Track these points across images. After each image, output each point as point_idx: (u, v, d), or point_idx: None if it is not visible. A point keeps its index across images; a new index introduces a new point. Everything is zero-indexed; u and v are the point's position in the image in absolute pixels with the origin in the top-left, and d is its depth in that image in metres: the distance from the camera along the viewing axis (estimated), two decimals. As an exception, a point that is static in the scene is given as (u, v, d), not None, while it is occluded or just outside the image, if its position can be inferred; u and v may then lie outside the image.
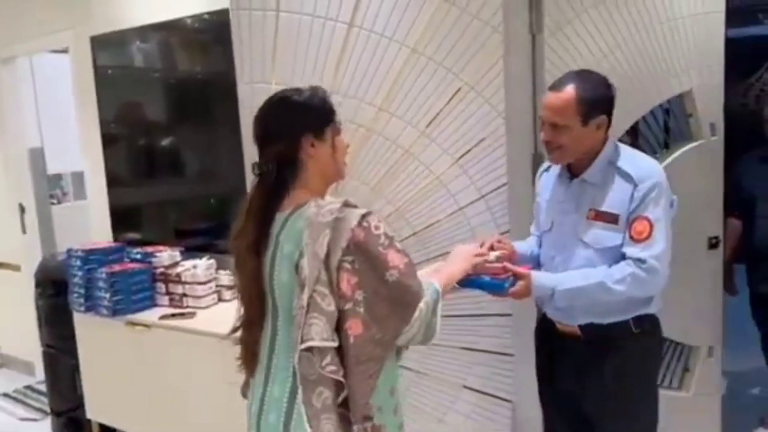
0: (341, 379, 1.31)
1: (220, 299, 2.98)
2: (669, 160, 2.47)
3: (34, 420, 3.61)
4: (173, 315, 2.82)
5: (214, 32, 3.30)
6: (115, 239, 3.52)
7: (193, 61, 3.54)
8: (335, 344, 1.31)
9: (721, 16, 2.47)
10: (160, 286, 2.95)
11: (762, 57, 4.42)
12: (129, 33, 3.51)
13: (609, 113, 1.76)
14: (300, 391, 1.35)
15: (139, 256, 3.02)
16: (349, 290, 1.31)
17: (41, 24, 3.80)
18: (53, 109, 4.30)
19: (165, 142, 3.68)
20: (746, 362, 2.91)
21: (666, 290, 2.50)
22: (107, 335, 2.59)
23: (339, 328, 1.32)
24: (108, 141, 3.66)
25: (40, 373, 3.68)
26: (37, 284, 3.28)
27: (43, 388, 3.66)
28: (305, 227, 1.34)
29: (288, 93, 1.45)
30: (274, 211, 1.41)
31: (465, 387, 2.18)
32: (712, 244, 2.55)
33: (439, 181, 2.11)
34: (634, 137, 2.49)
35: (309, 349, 1.30)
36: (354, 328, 1.31)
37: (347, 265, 1.31)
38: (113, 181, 3.62)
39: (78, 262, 2.94)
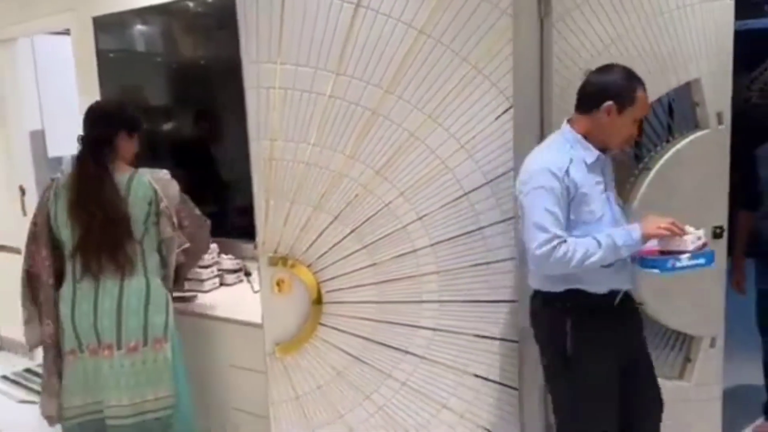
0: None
1: (222, 283, 2.97)
2: (675, 148, 2.45)
3: (33, 403, 3.60)
4: (175, 299, 2.80)
5: (217, 16, 3.27)
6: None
7: (195, 45, 3.51)
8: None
9: (731, 4, 2.45)
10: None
11: (767, 50, 4.40)
12: (131, 15, 3.49)
13: None
14: (157, 284, 2.41)
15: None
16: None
17: (42, 4, 3.77)
18: (54, 92, 4.27)
19: (167, 126, 3.66)
20: (748, 353, 2.90)
21: (668, 280, 2.50)
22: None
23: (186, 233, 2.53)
24: (110, 124, 3.63)
25: (39, 356, 3.67)
26: (38, 267, 3.26)
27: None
28: (150, 182, 2.37)
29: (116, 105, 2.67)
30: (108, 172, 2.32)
31: (469, 373, 2.17)
32: (717, 234, 2.53)
33: (444, 166, 2.10)
34: (640, 124, 2.47)
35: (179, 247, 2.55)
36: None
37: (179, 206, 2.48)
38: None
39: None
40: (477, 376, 2.18)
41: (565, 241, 1.80)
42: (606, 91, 1.87)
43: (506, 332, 2.16)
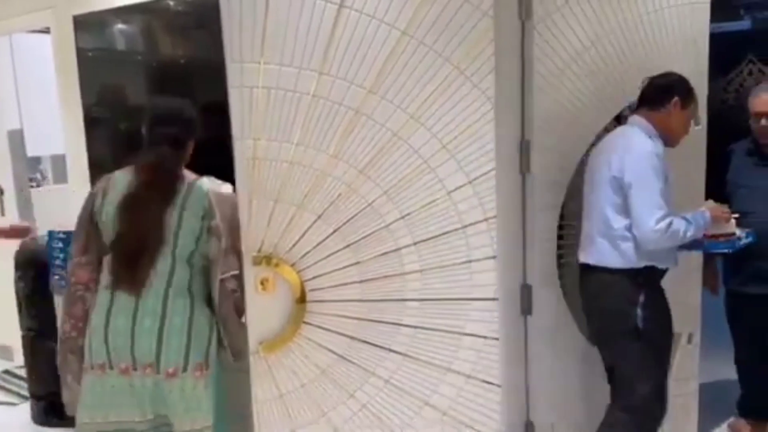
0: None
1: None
2: (653, 148, 2.50)
3: (12, 404, 3.57)
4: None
5: (197, 15, 3.27)
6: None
7: (175, 44, 3.50)
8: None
9: (707, 7, 2.51)
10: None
11: (742, 52, 4.49)
12: (111, 14, 3.47)
13: None
14: (203, 309, 2.15)
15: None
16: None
17: (22, 2, 3.73)
18: (34, 91, 4.22)
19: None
20: (724, 350, 2.96)
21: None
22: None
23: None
24: (90, 124, 3.61)
25: (18, 358, 3.63)
26: (17, 267, 3.24)
27: (21, 372, 3.62)
28: (207, 194, 2.13)
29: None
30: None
31: (452, 371, 2.19)
32: (694, 232, 2.59)
33: (427, 165, 2.12)
34: (619, 125, 2.51)
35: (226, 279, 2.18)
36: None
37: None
38: (95, 165, 3.57)
39: (59, 244, 2.90)
40: (459, 373, 2.20)
41: (674, 218, 2.08)
42: (673, 89, 2.20)
43: (489, 330, 2.19)
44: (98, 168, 3.52)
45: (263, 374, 2.19)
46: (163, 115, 2.20)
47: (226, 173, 2.14)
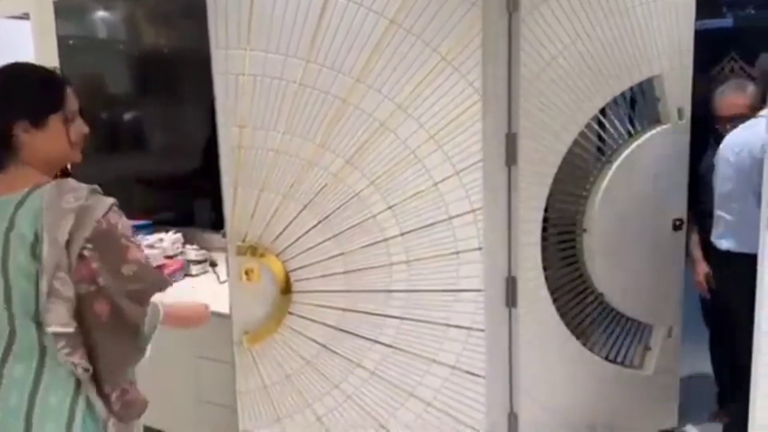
0: (77, 362, 1.31)
1: (186, 274, 2.93)
2: (637, 142, 2.52)
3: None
4: (138, 289, 2.75)
5: (181, 3, 3.23)
6: (77, 214, 3.42)
7: (158, 33, 3.46)
8: (71, 330, 1.30)
9: (692, 2, 2.52)
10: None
11: (724, 49, 4.54)
12: (92, 0, 3.41)
13: None
14: (57, 376, 1.34)
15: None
16: (89, 276, 1.29)
17: (0, -12, 3.66)
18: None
19: (129, 116, 3.60)
20: (705, 343, 3.00)
21: (629, 270, 2.57)
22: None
23: (84, 314, 1.31)
24: (70, 112, 3.55)
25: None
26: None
27: None
28: (44, 209, 1.29)
29: (16, 70, 1.40)
30: None
31: (437, 362, 2.19)
32: (676, 226, 2.61)
33: (414, 156, 2.11)
34: (604, 118, 2.53)
35: (55, 336, 1.30)
36: (104, 308, 1.31)
37: (86, 253, 1.29)
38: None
39: None
40: (444, 364, 2.20)
41: None
42: None
43: (474, 321, 2.19)
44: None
45: (247, 365, 2.17)
46: None
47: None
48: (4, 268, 1.31)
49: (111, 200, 1.35)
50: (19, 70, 1.41)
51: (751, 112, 2.59)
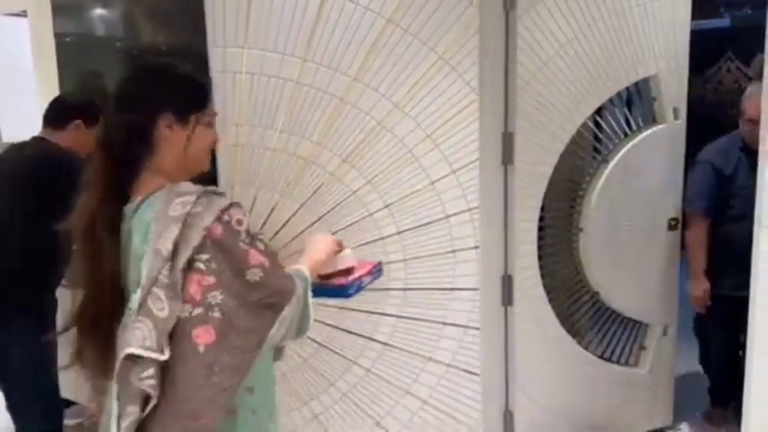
0: (154, 399, 1.13)
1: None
2: (633, 141, 2.53)
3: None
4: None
5: (179, 1, 3.23)
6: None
7: (156, 31, 3.46)
8: (161, 357, 1.12)
9: (688, 2, 2.53)
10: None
11: (721, 49, 4.55)
12: (91, -2, 3.41)
13: None
14: (114, 405, 1.16)
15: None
16: (199, 293, 1.13)
17: (-3, -15, 3.65)
18: (9, 76, 4.14)
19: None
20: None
21: (625, 269, 2.58)
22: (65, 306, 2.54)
23: (178, 340, 1.13)
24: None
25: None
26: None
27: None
28: (153, 220, 1.17)
29: (162, 61, 1.34)
30: (121, 190, 1.24)
31: (433, 360, 2.20)
32: (672, 226, 2.62)
33: (411, 155, 2.12)
34: (600, 117, 2.54)
35: (129, 358, 1.13)
36: (204, 336, 1.13)
37: (200, 265, 1.14)
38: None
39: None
40: (440, 362, 2.21)
41: None
42: None
43: (470, 319, 2.20)
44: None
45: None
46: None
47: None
48: (126, 282, 1.23)
49: (224, 201, 1.18)
50: (165, 63, 1.35)
51: None
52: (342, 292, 1.42)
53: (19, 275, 2.26)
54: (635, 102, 2.66)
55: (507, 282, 2.35)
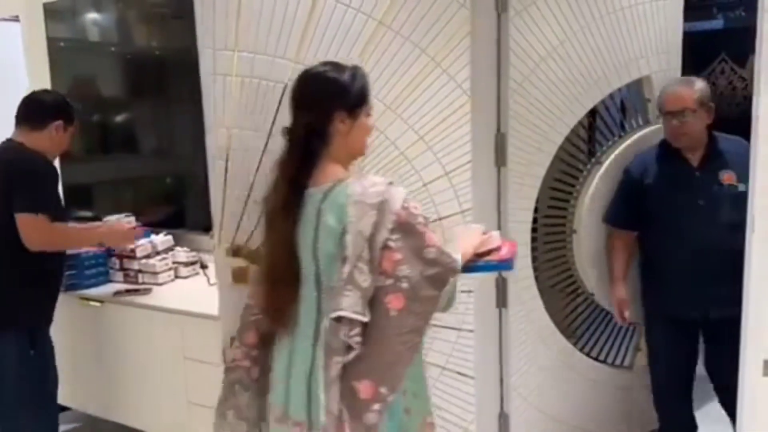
0: (357, 351, 1.40)
1: (176, 276, 2.92)
2: (626, 142, 2.53)
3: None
4: (128, 291, 2.76)
5: (172, 5, 3.22)
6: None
7: (150, 35, 3.45)
8: (365, 319, 1.41)
9: (680, 4, 2.54)
10: (115, 262, 2.88)
11: (715, 51, 4.55)
12: (83, 2, 3.40)
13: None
14: (320, 356, 1.45)
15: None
16: (390, 267, 1.41)
17: (-10, -10, 3.64)
18: (1, 81, 4.12)
19: (120, 118, 3.59)
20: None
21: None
22: (59, 311, 2.52)
23: (374, 304, 1.42)
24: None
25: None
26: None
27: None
28: (349, 204, 1.43)
29: (329, 68, 1.56)
30: (305, 178, 1.50)
31: (427, 363, 2.18)
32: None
33: (404, 157, 2.11)
34: (593, 119, 2.54)
35: (338, 319, 1.41)
36: (395, 302, 1.41)
37: (392, 244, 1.41)
38: (66, 158, 3.50)
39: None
40: (434, 365, 2.19)
41: None
42: None
43: (463, 322, 2.19)
44: (70, 161, 3.45)
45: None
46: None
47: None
48: (315, 255, 1.49)
49: (404, 191, 1.47)
50: (331, 64, 1.58)
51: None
52: (507, 265, 1.67)
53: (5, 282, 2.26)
54: (628, 103, 2.66)
55: (501, 284, 2.34)
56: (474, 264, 1.61)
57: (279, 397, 1.58)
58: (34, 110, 2.41)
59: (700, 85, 2.26)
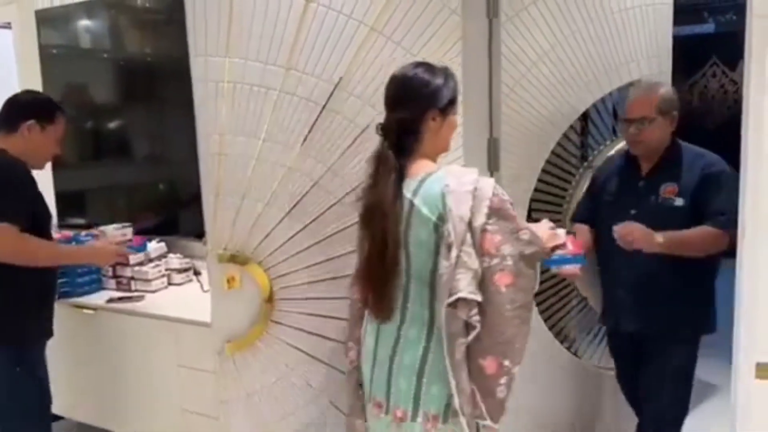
0: (477, 329, 1.52)
1: (170, 283, 2.92)
2: (618, 146, 2.54)
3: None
4: (120, 298, 2.75)
5: (166, 11, 3.22)
6: (61, 224, 3.40)
7: (142, 42, 3.45)
8: (480, 298, 1.51)
9: (670, 8, 2.55)
10: (107, 269, 2.87)
11: (706, 54, 4.59)
12: (75, 9, 3.40)
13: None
14: (442, 342, 1.54)
15: (88, 238, 2.91)
16: (493, 248, 1.53)
17: (-19, -3, 3.64)
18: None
19: (113, 125, 3.58)
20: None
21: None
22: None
23: (484, 284, 1.52)
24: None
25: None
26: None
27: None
28: (446, 193, 1.54)
29: (422, 69, 1.67)
30: (402, 172, 1.62)
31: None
32: (658, 230, 2.62)
33: (396, 162, 2.11)
34: (585, 123, 2.55)
35: (454, 304, 1.50)
36: (504, 279, 1.52)
37: (489, 227, 1.53)
38: (59, 165, 3.50)
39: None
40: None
41: None
42: None
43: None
44: (62, 168, 3.44)
45: (230, 374, 2.16)
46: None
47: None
48: (406, 242, 1.60)
49: (491, 179, 1.60)
50: (424, 65, 1.70)
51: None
52: (580, 259, 1.79)
53: None
54: (619, 108, 2.67)
55: (494, 289, 2.34)
56: (549, 257, 1.73)
57: (380, 388, 1.72)
58: (7, 112, 2.29)
59: (663, 92, 2.18)
